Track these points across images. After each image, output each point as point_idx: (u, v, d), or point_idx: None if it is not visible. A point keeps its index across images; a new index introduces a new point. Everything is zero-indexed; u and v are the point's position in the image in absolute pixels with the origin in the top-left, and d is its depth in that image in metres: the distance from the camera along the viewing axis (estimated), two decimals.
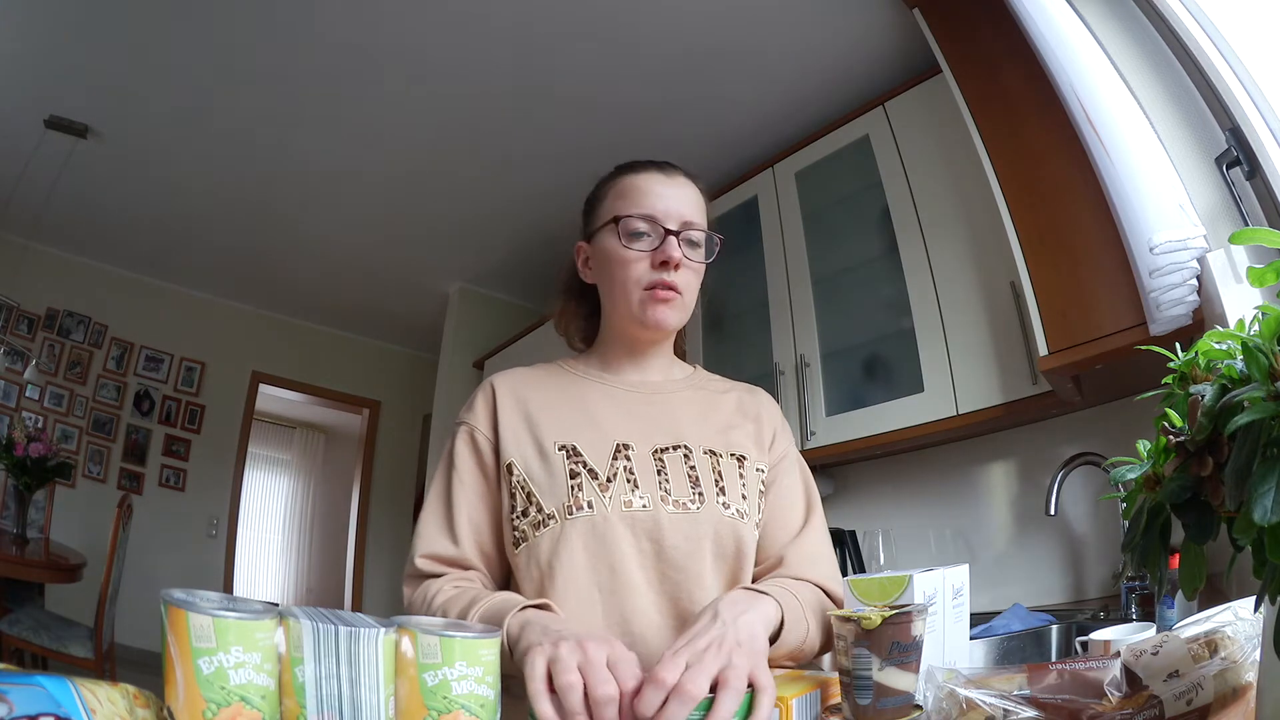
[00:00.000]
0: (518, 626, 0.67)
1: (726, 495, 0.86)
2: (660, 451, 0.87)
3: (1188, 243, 1.10)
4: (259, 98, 2.55)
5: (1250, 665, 0.51)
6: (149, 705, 0.42)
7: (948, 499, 2.04)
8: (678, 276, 0.88)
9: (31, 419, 3.64)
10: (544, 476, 0.84)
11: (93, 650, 2.70)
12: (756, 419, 0.97)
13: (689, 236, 0.89)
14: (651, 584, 0.81)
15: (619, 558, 0.80)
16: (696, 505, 0.84)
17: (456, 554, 0.86)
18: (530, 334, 3.44)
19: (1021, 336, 1.65)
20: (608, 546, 0.80)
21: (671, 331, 0.94)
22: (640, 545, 0.81)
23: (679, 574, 0.81)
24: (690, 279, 0.90)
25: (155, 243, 3.72)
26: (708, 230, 0.92)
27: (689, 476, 0.85)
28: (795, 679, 0.62)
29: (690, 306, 0.92)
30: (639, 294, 0.88)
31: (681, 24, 2.14)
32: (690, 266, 0.90)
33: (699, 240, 0.91)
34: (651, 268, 0.88)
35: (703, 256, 0.92)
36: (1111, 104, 1.20)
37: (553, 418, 0.89)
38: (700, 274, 0.92)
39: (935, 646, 0.66)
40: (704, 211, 0.94)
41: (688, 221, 0.89)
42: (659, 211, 0.89)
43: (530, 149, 2.77)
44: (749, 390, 1.02)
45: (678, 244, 0.87)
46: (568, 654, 0.57)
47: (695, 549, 0.82)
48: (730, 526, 0.84)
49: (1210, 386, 0.42)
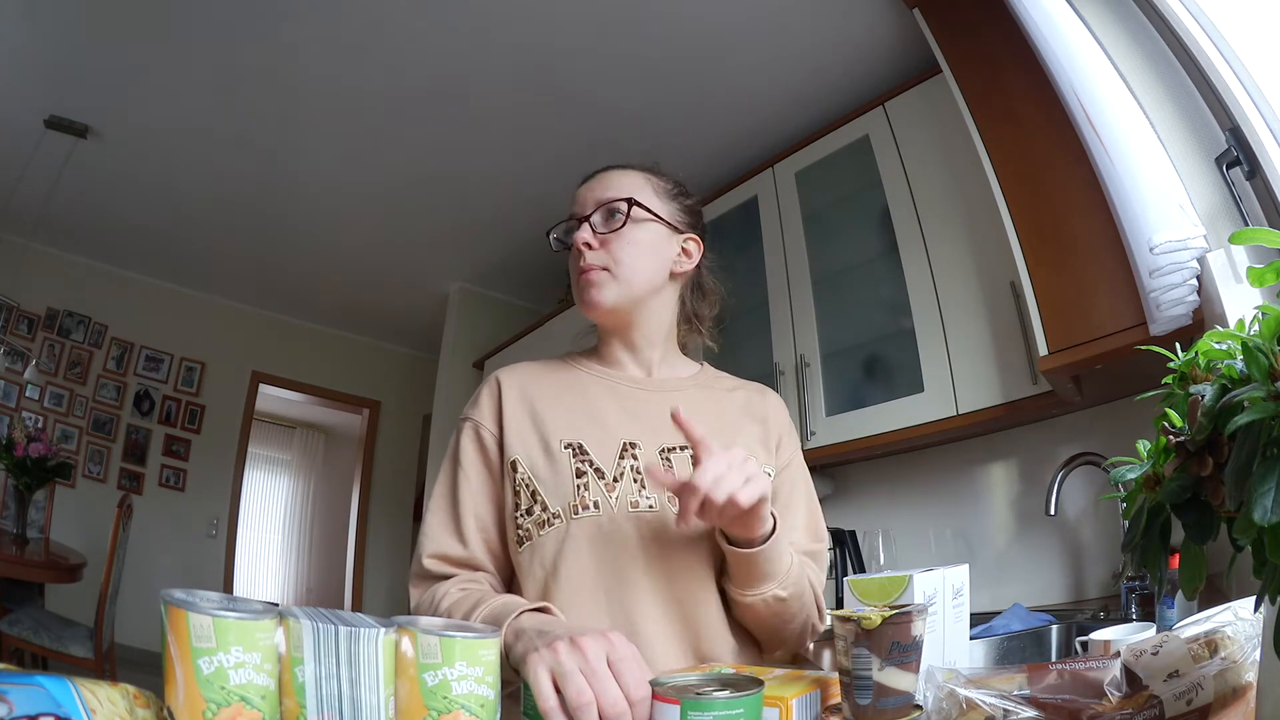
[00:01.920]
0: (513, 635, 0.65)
1: None
2: (668, 451, 0.87)
3: (1188, 243, 1.10)
4: (259, 98, 2.55)
5: (1250, 665, 0.51)
6: (149, 705, 0.42)
7: (948, 499, 2.04)
8: (594, 257, 0.89)
9: (31, 419, 3.64)
10: (549, 474, 0.83)
11: (93, 650, 2.70)
12: (764, 421, 0.96)
13: (607, 212, 0.90)
14: (657, 586, 0.80)
15: (625, 559, 0.80)
16: None
17: (465, 554, 0.85)
18: (530, 334, 3.44)
19: (1021, 336, 1.65)
20: (614, 548, 0.80)
21: (608, 309, 0.90)
22: (646, 547, 0.80)
23: (685, 575, 0.81)
24: (617, 252, 0.89)
25: (155, 243, 3.72)
26: (631, 198, 0.90)
27: None
28: (795, 679, 0.62)
29: (631, 278, 0.90)
30: (576, 284, 0.92)
31: (681, 25, 2.15)
32: (608, 239, 0.89)
33: (617, 209, 0.90)
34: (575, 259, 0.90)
35: (620, 223, 0.90)
36: (1111, 104, 1.20)
37: (559, 414, 0.88)
38: (631, 239, 0.90)
39: (935, 646, 0.66)
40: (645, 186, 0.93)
41: (602, 201, 0.90)
42: (576, 205, 0.93)
43: (530, 149, 2.77)
44: (759, 390, 1.01)
45: (589, 226, 0.90)
46: (568, 659, 0.55)
47: (699, 549, 0.82)
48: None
49: (1210, 386, 0.42)
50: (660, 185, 0.95)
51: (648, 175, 0.95)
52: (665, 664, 0.78)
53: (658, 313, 0.95)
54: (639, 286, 0.90)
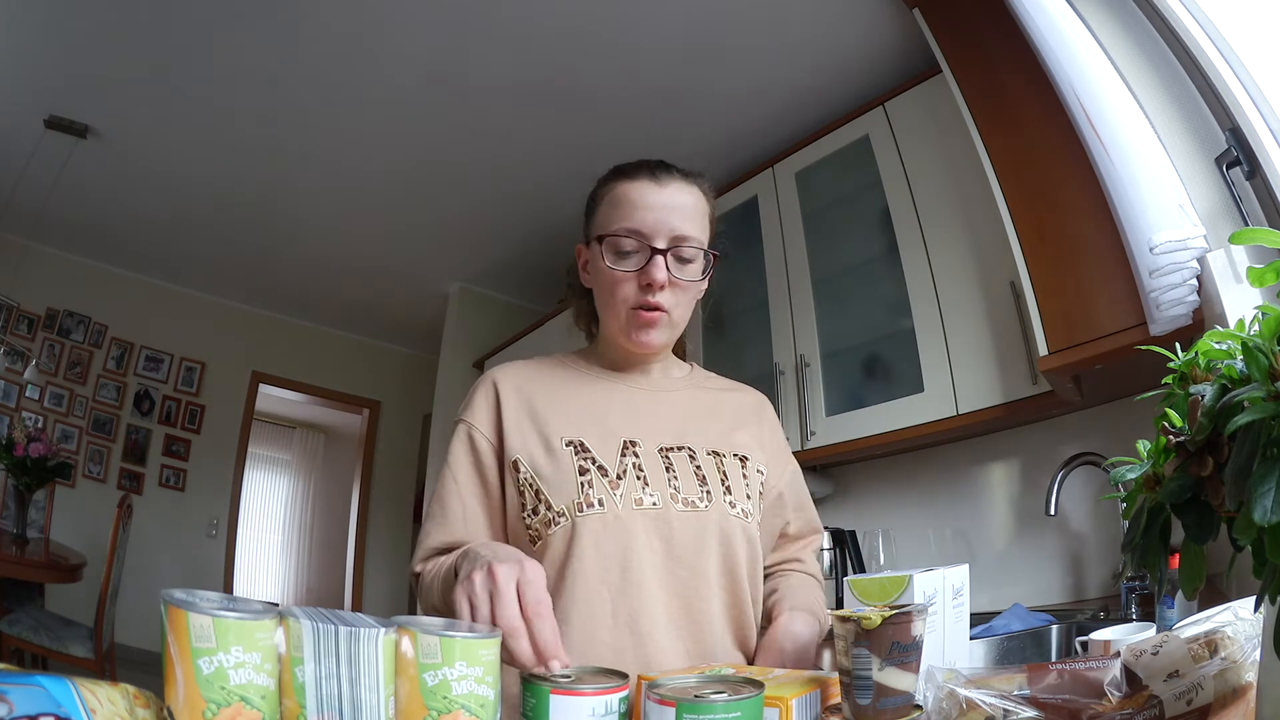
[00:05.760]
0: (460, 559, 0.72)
1: (733, 494, 0.86)
2: (666, 450, 0.87)
3: (1188, 243, 1.10)
4: (259, 98, 2.55)
5: (1250, 665, 0.51)
6: (149, 705, 0.42)
7: (948, 499, 2.04)
8: (663, 297, 0.85)
9: (31, 419, 3.64)
10: (552, 473, 0.83)
11: (93, 650, 2.70)
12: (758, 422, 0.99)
13: (679, 253, 0.85)
14: (662, 582, 0.81)
15: (630, 556, 0.80)
16: (705, 504, 0.84)
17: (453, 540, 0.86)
18: (530, 334, 3.44)
19: (1021, 336, 1.65)
20: (619, 544, 0.80)
21: (659, 351, 0.92)
22: (651, 544, 0.81)
23: (686, 572, 0.82)
24: (680, 296, 0.87)
25: (155, 243, 3.72)
26: (705, 247, 0.87)
27: (696, 475, 0.86)
28: (795, 679, 0.62)
29: (680, 324, 0.90)
30: (625, 313, 0.86)
31: (681, 24, 2.14)
32: (679, 284, 0.86)
33: (690, 256, 0.86)
34: (638, 288, 0.85)
35: (695, 274, 0.87)
36: (1111, 104, 1.20)
37: (558, 413, 0.88)
38: (694, 290, 0.89)
39: (935, 646, 0.66)
40: (704, 216, 0.89)
41: (678, 236, 0.85)
42: (647, 227, 0.84)
43: (530, 148, 2.77)
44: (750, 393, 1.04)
45: (664, 263, 0.84)
46: (480, 586, 0.62)
47: (702, 547, 0.82)
48: (736, 526, 0.85)
49: (1210, 386, 0.42)
50: (710, 209, 0.92)
51: (704, 197, 0.91)
52: (666, 659, 0.78)
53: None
54: (684, 325, 0.92)
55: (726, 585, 0.84)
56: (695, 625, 0.81)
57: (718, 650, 0.82)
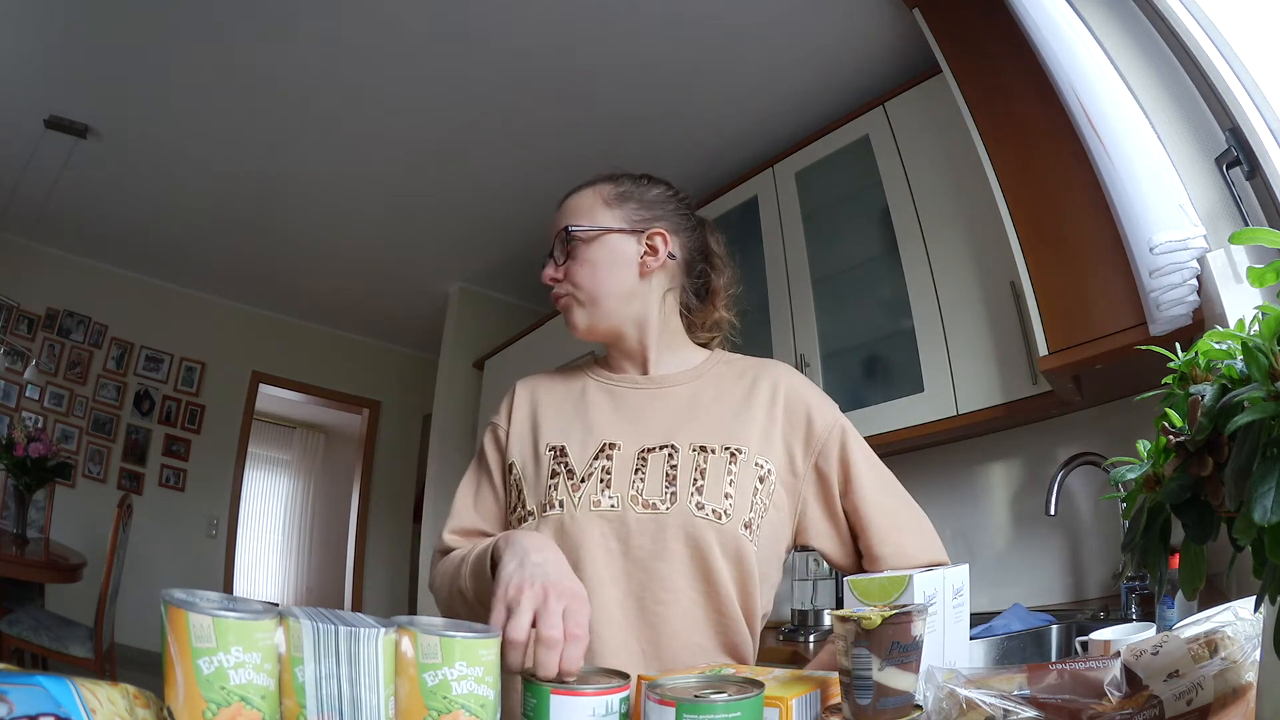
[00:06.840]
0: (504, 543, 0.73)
1: (703, 495, 0.84)
2: (646, 451, 0.87)
3: (1188, 243, 1.10)
4: (259, 98, 2.55)
5: (1250, 665, 0.51)
6: (149, 705, 0.42)
7: (948, 499, 2.04)
8: (560, 286, 0.94)
9: (31, 419, 3.64)
10: (533, 475, 0.90)
11: (93, 650, 2.70)
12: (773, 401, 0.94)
13: (559, 241, 0.94)
14: (617, 581, 0.82)
15: (584, 555, 0.82)
16: (666, 506, 0.83)
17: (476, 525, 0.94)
18: (530, 334, 3.44)
19: (1021, 336, 1.65)
20: (573, 544, 0.82)
21: (585, 330, 0.95)
22: (607, 544, 0.83)
23: (644, 574, 0.82)
24: (575, 277, 0.93)
25: (155, 243, 3.72)
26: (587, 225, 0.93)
27: (667, 476, 0.85)
28: (795, 679, 0.62)
29: (595, 298, 0.93)
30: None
31: (681, 25, 2.14)
32: (569, 268, 0.93)
33: (572, 240, 0.93)
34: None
35: (586, 253, 0.93)
36: (1111, 104, 1.20)
37: (553, 419, 0.94)
38: (589, 262, 0.93)
39: (935, 646, 0.66)
40: (594, 205, 0.95)
41: (559, 232, 0.94)
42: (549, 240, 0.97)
43: (530, 149, 2.77)
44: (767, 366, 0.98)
45: (552, 259, 0.95)
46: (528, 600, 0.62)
47: (662, 550, 0.82)
48: (704, 528, 0.82)
49: (1210, 386, 0.42)
50: (609, 193, 0.96)
51: (596, 188, 0.97)
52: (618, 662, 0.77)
53: (642, 314, 0.95)
54: (607, 301, 0.93)
55: (701, 589, 0.83)
56: (651, 628, 0.82)
57: (676, 654, 0.81)
